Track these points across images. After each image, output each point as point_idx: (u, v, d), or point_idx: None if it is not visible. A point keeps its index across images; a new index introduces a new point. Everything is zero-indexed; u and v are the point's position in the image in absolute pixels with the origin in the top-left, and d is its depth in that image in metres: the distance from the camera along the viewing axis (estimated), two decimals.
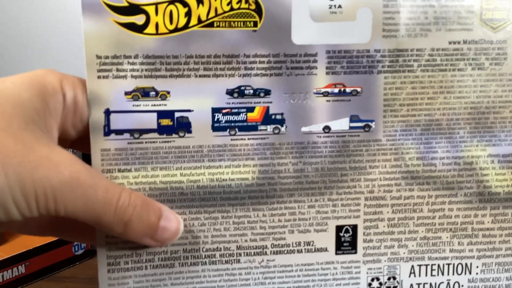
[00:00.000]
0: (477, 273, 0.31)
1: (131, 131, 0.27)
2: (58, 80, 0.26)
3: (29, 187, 0.23)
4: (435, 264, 0.31)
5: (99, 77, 0.27)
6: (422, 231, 0.30)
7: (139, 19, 0.27)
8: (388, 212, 0.30)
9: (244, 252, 0.29)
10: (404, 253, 0.31)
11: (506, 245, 0.31)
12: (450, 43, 0.29)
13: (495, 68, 0.30)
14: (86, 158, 0.28)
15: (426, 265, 0.31)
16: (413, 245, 0.31)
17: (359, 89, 0.29)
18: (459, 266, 0.31)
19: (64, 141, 0.28)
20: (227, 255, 0.29)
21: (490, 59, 0.29)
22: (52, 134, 0.26)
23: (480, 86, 0.30)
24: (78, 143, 0.28)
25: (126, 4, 0.26)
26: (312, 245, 0.30)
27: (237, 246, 0.29)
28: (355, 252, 0.30)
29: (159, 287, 0.29)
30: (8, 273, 0.49)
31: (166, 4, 0.27)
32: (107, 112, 0.27)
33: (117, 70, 0.27)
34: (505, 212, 0.31)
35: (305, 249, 0.30)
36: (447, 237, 0.31)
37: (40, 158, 0.23)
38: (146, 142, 0.28)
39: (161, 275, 0.29)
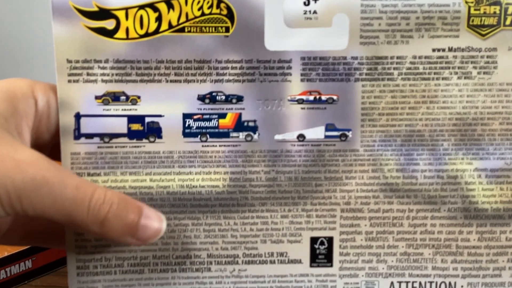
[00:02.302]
0: None
1: (101, 135, 0.27)
2: (29, 86, 0.26)
3: None
4: (416, 282, 0.29)
5: (69, 81, 0.27)
6: (403, 247, 0.29)
7: (110, 24, 0.26)
8: (365, 225, 0.29)
9: (215, 261, 0.29)
10: (383, 268, 0.29)
11: (494, 264, 0.29)
12: (434, 50, 0.28)
13: (483, 77, 0.28)
14: None
15: (407, 282, 0.29)
16: (392, 261, 0.29)
17: (335, 97, 0.28)
18: (442, 285, 0.29)
19: (43, 148, 0.28)
20: (198, 263, 0.29)
21: (478, 68, 0.28)
22: (23, 137, 0.26)
23: (467, 96, 0.28)
24: (55, 151, 0.28)
25: (96, 9, 0.26)
26: (286, 256, 0.29)
27: (207, 254, 0.29)
28: (331, 266, 0.29)
29: None
30: (15, 268, 0.50)
31: (137, 9, 0.26)
32: (77, 116, 0.27)
33: (88, 74, 0.27)
34: (492, 230, 0.29)
35: (278, 260, 0.29)
36: (429, 254, 0.29)
37: (2, 157, 0.23)
38: (116, 147, 0.28)
39: (130, 281, 0.29)
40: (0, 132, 0.24)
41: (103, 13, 0.26)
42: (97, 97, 0.27)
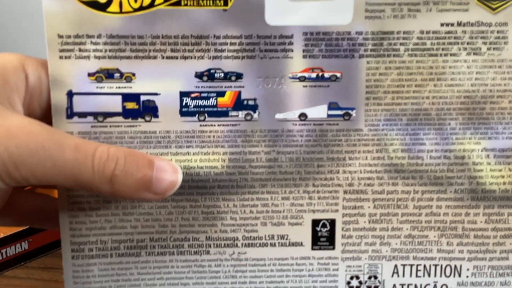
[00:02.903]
0: (467, 276, 0.29)
1: (94, 114, 0.26)
2: (19, 60, 0.25)
3: None
4: (420, 265, 0.29)
5: (61, 57, 0.26)
6: (407, 229, 0.28)
7: None
8: (369, 207, 0.28)
9: (214, 244, 0.28)
10: (386, 251, 0.29)
11: (501, 247, 0.28)
12: (442, 25, 0.26)
13: (493, 53, 0.27)
14: None
15: (411, 265, 0.29)
16: (396, 243, 0.28)
17: (338, 74, 0.27)
18: (448, 268, 0.29)
19: None
20: (196, 245, 0.28)
21: (488, 44, 0.27)
22: (15, 109, 0.25)
23: (476, 73, 0.27)
24: None
25: None
26: (287, 239, 0.28)
27: (206, 237, 0.28)
28: (333, 248, 0.28)
29: (125, 275, 0.28)
30: (12, 249, 0.50)
31: None
32: (70, 94, 0.26)
33: (80, 50, 0.26)
34: (500, 212, 0.28)
35: (278, 242, 0.28)
36: (434, 236, 0.28)
37: None
38: (110, 126, 0.26)
39: (127, 264, 0.28)
40: None
41: None
42: (90, 74, 0.26)
